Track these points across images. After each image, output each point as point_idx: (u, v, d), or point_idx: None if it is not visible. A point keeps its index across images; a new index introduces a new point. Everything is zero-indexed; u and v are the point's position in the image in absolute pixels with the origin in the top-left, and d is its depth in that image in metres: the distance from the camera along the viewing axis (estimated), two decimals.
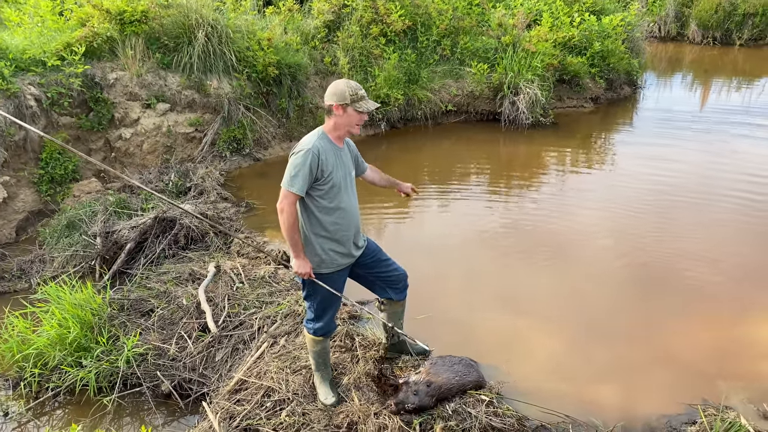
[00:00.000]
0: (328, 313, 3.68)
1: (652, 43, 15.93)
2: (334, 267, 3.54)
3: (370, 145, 9.18)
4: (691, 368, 4.31)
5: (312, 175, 3.24)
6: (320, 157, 3.24)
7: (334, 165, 3.34)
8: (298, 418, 3.72)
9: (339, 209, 3.43)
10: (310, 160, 3.20)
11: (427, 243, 6.26)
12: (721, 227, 6.34)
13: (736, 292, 5.18)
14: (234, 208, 6.81)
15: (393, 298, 3.93)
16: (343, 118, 3.29)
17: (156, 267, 5.65)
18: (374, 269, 3.79)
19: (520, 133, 9.57)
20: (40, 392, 4.24)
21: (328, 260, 3.50)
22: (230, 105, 7.99)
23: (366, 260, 3.72)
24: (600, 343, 4.63)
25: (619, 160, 8.59)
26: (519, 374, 4.22)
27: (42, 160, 6.64)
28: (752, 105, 11.17)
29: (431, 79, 9.79)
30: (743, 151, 8.56)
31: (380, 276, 3.83)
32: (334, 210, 3.42)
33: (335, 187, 3.38)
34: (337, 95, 3.23)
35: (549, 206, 7.02)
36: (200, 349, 4.48)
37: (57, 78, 6.75)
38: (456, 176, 8.02)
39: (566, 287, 5.37)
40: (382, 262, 3.82)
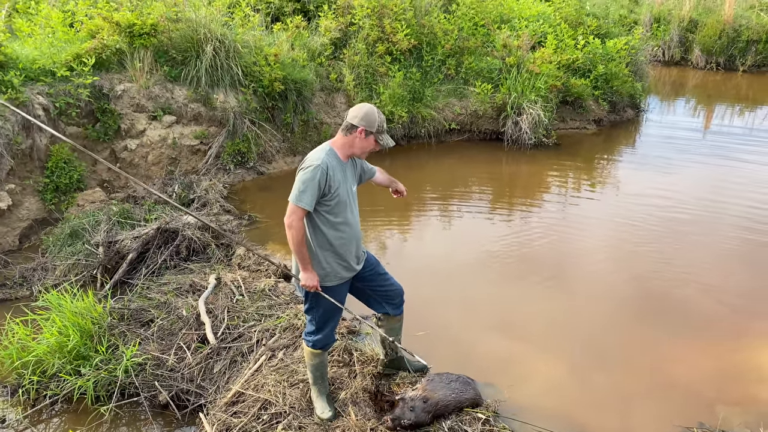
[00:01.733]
0: (328, 325, 3.70)
1: (656, 67, 16.02)
2: (337, 280, 3.58)
3: (373, 161, 9.09)
4: (688, 392, 4.31)
5: (320, 191, 3.28)
6: (329, 173, 3.28)
7: (340, 181, 3.38)
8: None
9: (343, 224, 3.48)
10: (319, 177, 3.24)
11: (427, 261, 6.28)
12: (722, 253, 6.36)
13: (735, 319, 5.19)
14: (236, 221, 6.85)
15: (390, 313, 3.96)
16: (361, 142, 3.35)
17: (157, 277, 5.68)
18: (372, 282, 3.82)
19: (523, 153, 9.63)
20: (38, 399, 4.24)
21: (332, 273, 3.54)
22: (236, 119, 8.07)
23: (365, 273, 3.76)
24: (598, 365, 4.63)
25: (621, 182, 8.63)
26: (516, 393, 4.22)
27: (47, 169, 6.70)
28: (756, 130, 11.22)
29: (435, 97, 9.88)
30: (746, 177, 8.59)
31: (377, 290, 3.86)
32: (339, 224, 3.47)
33: (341, 203, 3.42)
34: (366, 120, 3.28)
35: (550, 228, 7.05)
36: (199, 361, 4.49)
37: (65, 88, 6.84)
38: (458, 195, 8.06)
39: (565, 310, 5.37)
40: (379, 276, 3.86)
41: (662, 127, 11.56)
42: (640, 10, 17.44)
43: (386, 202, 7.76)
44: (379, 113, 3.35)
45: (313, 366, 3.83)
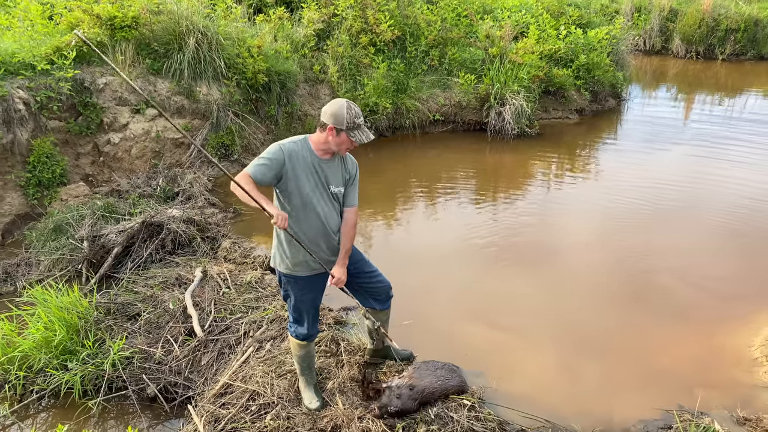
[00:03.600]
0: (305, 315, 3.72)
1: (637, 56, 16.17)
2: (307, 270, 3.57)
3: (358, 153, 9.15)
4: (668, 376, 4.41)
5: (272, 171, 3.25)
6: (285, 158, 3.27)
7: (301, 173, 3.33)
8: (283, 422, 3.76)
9: (303, 217, 3.43)
10: (275, 155, 3.25)
11: (413, 251, 6.33)
12: (702, 239, 6.48)
13: (714, 303, 5.31)
14: (221, 214, 6.85)
15: (376, 307, 3.99)
16: (334, 139, 3.29)
17: (143, 271, 5.67)
18: (357, 279, 3.83)
19: (506, 143, 9.70)
20: (25, 395, 4.24)
21: (302, 263, 3.54)
22: (219, 111, 8.04)
23: (349, 268, 3.73)
24: (580, 351, 4.72)
25: (603, 171, 8.73)
26: (501, 380, 4.30)
27: (29, 164, 6.64)
28: (735, 118, 11.39)
29: (419, 88, 9.91)
30: (727, 164, 8.73)
31: (363, 286, 3.89)
32: (300, 219, 3.43)
33: (298, 196, 3.36)
34: (335, 117, 3.22)
35: (534, 217, 7.13)
36: (186, 353, 4.51)
37: (46, 82, 6.76)
38: (442, 185, 8.11)
39: (549, 299, 5.45)
40: (365, 274, 3.87)
41: (643, 115, 11.69)
42: (621, 0, 17.55)
43: (371, 193, 7.80)
44: (351, 109, 3.24)
45: (300, 357, 3.87)
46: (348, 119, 3.22)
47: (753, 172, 8.37)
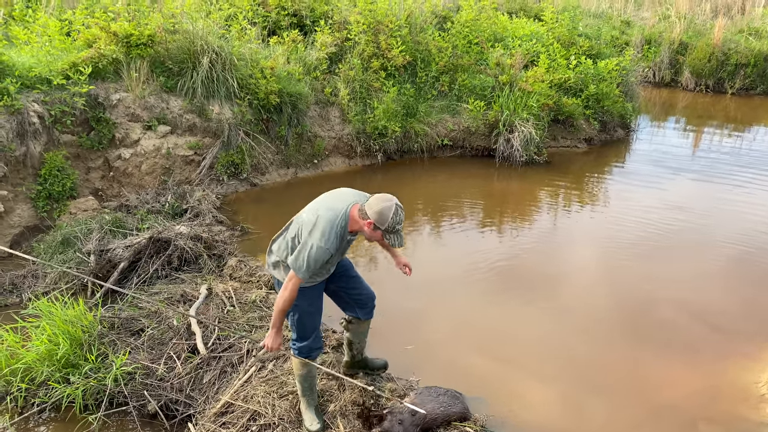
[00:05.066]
0: (309, 330, 3.71)
1: (646, 88, 16.23)
2: (312, 281, 3.62)
3: (366, 175, 9.30)
4: (672, 411, 4.36)
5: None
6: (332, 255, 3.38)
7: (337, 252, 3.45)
8: None
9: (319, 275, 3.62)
10: (324, 257, 3.33)
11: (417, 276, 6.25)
12: (709, 273, 6.43)
13: (720, 339, 5.25)
14: (228, 232, 6.87)
15: (360, 317, 4.02)
16: (369, 232, 3.36)
17: (148, 287, 5.68)
18: (342, 284, 3.88)
19: (514, 169, 9.72)
20: (26, 407, 4.23)
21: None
22: (230, 130, 8.11)
23: (336, 273, 3.80)
24: (583, 383, 4.68)
25: (610, 201, 8.72)
26: (504, 408, 4.27)
27: (41, 176, 6.71)
28: (744, 152, 11.38)
29: (429, 113, 9.98)
30: (734, 197, 8.72)
31: (350, 293, 3.93)
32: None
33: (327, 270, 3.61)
34: (379, 216, 3.24)
35: (539, 245, 7.12)
36: (188, 371, 4.50)
37: (61, 96, 6.86)
38: (449, 211, 8.12)
39: (552, 329, 5.41)
40: (351, 279, 3.91)
41: (652, 146, 11.71)
42: (632, 32, 17.68)
43: None
44: (397, 214, 3.26)
45: (302, 376, 3.83)
46: (390, 223, 3.26)
47: (762, 205, 8.35)
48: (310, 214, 3.42)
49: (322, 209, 3.39)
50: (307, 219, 3.40)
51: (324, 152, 9.26)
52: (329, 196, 3.54)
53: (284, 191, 8.48)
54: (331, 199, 3.50)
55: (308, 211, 3.49)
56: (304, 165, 9.07)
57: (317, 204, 3.52)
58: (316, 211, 3.41)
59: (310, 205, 3.56)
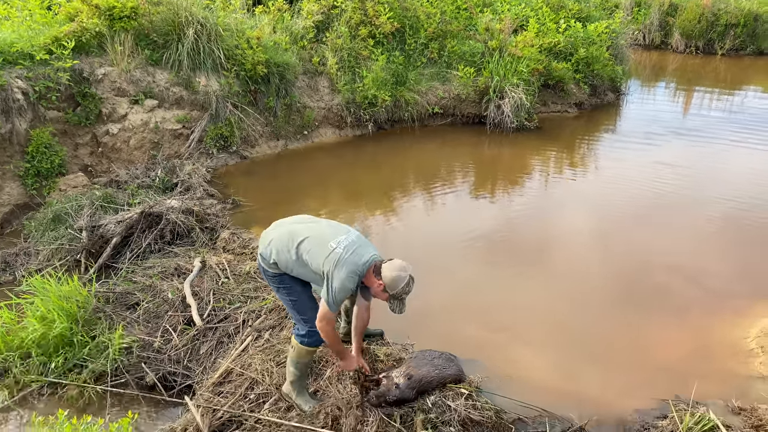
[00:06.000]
0: (311, 308, 3.67)
1: (636, 50, 16.15)
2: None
3: (357, 146, 9.26)
4: (664, 368, 4.44)
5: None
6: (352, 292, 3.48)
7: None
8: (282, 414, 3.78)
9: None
10: (346, 295, 3.41)
11: (410, 245, 6.35)
12: (699, 235, 6.49)
13: (711, 298, 5.32)
14: (220, 205, 6.85)
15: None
16: (376, 291, 3.46)
17: (142, 261, 5.68)
18: None
19: (505, 136, 9.70)
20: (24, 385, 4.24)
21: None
22: (218, 102, 8.03)
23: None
24: (577, 345, 4.74)
25: (602, 165, 8.74)
26: (498, 370, 4.32)
27: (28, 154, 6.63)
28: (734, 113, 11.40)
29: (418, 81, 9.90)
30: (725, 159, 8.76)
31: None
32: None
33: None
34: (391, 282, 3.35)
35: (531, 212, 7.14)
36: (185, 342, 4.53)
37: (45, 72, 6.75)
38: (441, 179, 8.12)
39: (548, 297, 5.46)
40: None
41: (642, 109, 11.70)
42: None
43: (369, 186, 7.83)
44: (408, 285, 3.39)
45: (303, 364, 3.78)
46: (398, 292, 3.38)
47: (753, 166, 8.40)
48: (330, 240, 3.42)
49: (346, 247, 3.39)
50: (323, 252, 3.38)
51: (314, 123, 9.19)
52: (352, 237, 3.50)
53: (275, 163, 8.43)
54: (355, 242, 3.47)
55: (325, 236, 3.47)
56: (293, 136, 9.01)
57: (336, 229, 3.54)
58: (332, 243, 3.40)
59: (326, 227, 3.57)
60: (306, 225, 3.60)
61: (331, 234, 3.48)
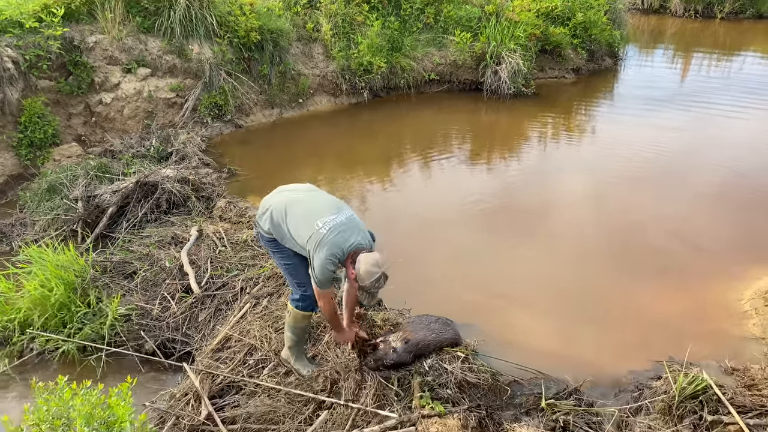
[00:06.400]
0: (306, 273, 3.69)
1: (635, 15, 15.98)
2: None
3: (353, 114, 9.19)
4: (659, 331, 4.49)
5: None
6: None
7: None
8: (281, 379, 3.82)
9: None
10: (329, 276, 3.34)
11: (408, 212, 6.35)
12: (696, 199, 6.50)
13: (706, 261, 5.37)
14: (216, 174, 6.82)
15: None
16: (350, 281, 3.45)
17: (138, 231, 5.68)
18: None
19: (502, 102, 9.63)
20: (25, 351, 4.28)
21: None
22: (211, 70, 7.94)
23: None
24: (573, 308, 4.78)
25: (598, 131, 8.70)
26: (494, 333, 4.36)
27: (21, 124, 6.57)
28: (733, 78, 11.31)
29: (414, 47, 9.78)
30: (723, 125, 8.71)
31: None
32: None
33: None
34: (361, 274, 3.25)
35: (530, 179, 7.13)
36: (183, 310, 4.55)
37: (35, 40, 6.64)
38: (438, 147, 8.08)
39: (544, 257, 5.49)
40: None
41: (640, 74, 11.61)
42: None
43: (365, 154, 7.79)
44: (378, 281, 3.27)
45: (301, 329, 3.80)
46: (368, 286, 3.30)
47: (750, 131, 8.37)
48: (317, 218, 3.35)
49: (331, 228, 3.30)
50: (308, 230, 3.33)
51: (308, 91, 9.10)
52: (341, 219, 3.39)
53: (270, 132, 8.38)
54: (343, 223, 3.36)
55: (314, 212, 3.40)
56: (288, 105, 8.93)
57: (327, 206, 3.45)
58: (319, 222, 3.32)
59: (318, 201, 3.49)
60: (303, 196, 3.55)
61: (321, 211, 3.38)
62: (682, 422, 3.47)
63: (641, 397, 3.75)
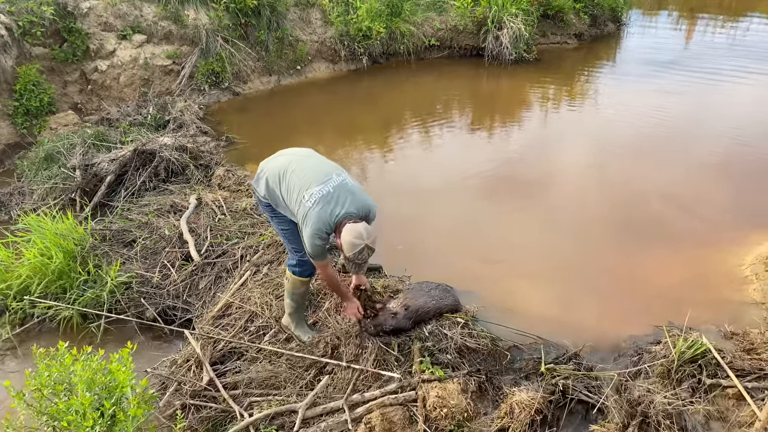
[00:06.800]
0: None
1: None
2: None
3: (352, 80, 9.08)
4: (659, 296, 4.48)
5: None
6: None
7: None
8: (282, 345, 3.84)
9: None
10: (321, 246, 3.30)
11: (408, 180, 6.31)
12: (698, 167, 6.44)
13: (707, 227, 5.34)
14: (214, 142, 6.77)
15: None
16: (339, 245, 3.33)
17: (137, 199, 5.66)
18: None
19: (503, 68, 9.51)
20: (26, 319, 4.29)
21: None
22: (208, 36, 7.82)
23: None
24: (574, 274, 4.78)
25: (600, 98, 8.60)
26: (495, 301, 4.36)
27: (16, 92, 6.50)
28: (737, 43, 11.14)
29: (414, 12, 9.62)
30: (727, 91, 8.60)
31: None
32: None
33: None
34: (346, 246, 3.18)
35: (531, 147, 7.06)
36: (183, 278, 4.55)
37: (28, 6, 6.53)
38: (438, 114, 7.99)
39: (544, 224, 5.47)
40: None
41: (644, 40, 11.44)
42: None
43: (364, 122, 7.72)
44: (361, 253, 3.18)
45: (299, 295, 3.80)
46: (351, 257, 3.22)
47: (755, 97, 8.27)
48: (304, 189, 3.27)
49: (316, 201, 3.22)
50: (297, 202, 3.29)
51: (307, 57, 8.98)
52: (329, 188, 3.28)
53: (268, 99, 8.29)
54: (329, 194, 3.26)
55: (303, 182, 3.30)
56: (286, 71, 8.82)
57: (316, 175, 3.33)
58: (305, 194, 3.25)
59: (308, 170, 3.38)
60: (297, 164, 3.43)
61: (310, 182, 3.29)
62: (680, 386, 3.49)
63: (640, 361, 3.76)
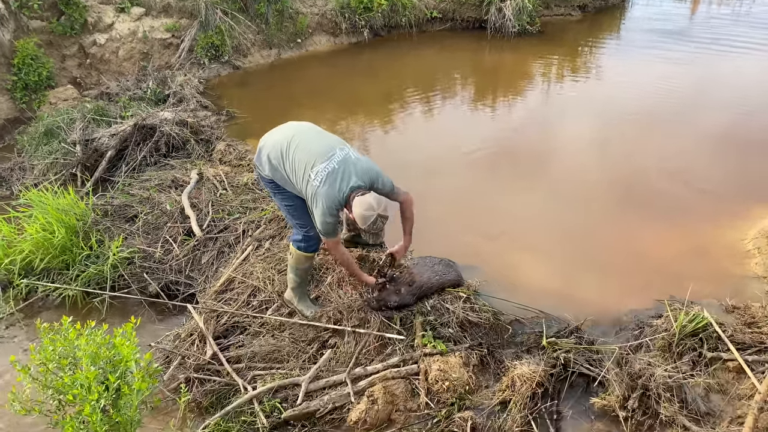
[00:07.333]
0: (307, 215, 3.66)
1: None
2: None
3: (353, 53, 8.99)
4: (661, 271, 4.48)
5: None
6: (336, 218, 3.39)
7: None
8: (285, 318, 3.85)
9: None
10: (333, 223, 3.33)
11: (409, 155, 6.27)
12: (701, 141, 6.39)
13: (709, 202, 5.31)
14: (214, 117, 6.73)
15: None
16: (351, 219, 3.42)
17: (138, 174, 5.64)
18: None
19: (506, 41, 9.39)
20: (30, 294, 4.31)
21: None
22: (207, 9, 7.71)
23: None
24: (576, 249, 4.78)
25: (605, 70, 8.51)
26: (497, 275, 4.36)
27: (14, 66, 6.44)
28: (742, 15, 10.98)
29: None
30: (733, 64, 8.50)
31: None
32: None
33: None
34: (359, 219, 3.24)
35: (534, 121, 7.01)
36: (186, 253, 4.56)
37: None
38: (440, 87, 7.92)
39: (547, 199, 5.45)
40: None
41: (648, 11, 11.28)
42: None
43: (365, 95, 7.66)
44: (374, 222, 3.26)
45: (304, 270, 3.80)
46: (366, 228, 3.32)
47: (762, 69, 8.17)
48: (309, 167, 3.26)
49: (323, 179, 3.22)
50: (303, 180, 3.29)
51: (307, 30, 8.87)
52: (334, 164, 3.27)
53: (268, 73, 8.21)
54: (335, 170, 3.25)
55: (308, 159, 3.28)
56: (287, 45, 8.72)
57: (320, 149, 3.31)
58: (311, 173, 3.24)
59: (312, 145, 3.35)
60: (299, 139, 3.40)
61: (314, 158, 3.27)
62: (681, 359, 3.51)
63: (642, 335, 3.77)
